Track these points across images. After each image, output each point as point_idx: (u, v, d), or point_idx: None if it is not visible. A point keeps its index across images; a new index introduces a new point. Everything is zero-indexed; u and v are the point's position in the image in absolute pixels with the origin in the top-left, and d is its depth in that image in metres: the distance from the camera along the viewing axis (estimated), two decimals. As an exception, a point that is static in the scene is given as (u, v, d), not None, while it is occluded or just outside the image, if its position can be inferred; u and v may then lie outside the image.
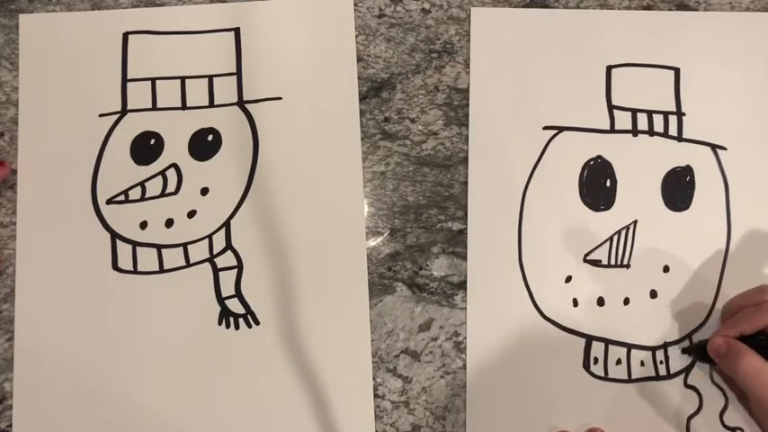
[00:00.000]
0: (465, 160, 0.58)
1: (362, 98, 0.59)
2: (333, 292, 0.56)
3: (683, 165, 0.58)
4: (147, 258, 0.56)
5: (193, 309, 0.56)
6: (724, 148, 0.58)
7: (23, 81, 0.58)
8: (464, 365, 0.56)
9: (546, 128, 0.58)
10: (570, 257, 0.57)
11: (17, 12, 0.59)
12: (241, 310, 0.56)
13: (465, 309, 0.56)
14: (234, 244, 0.56)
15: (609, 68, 0.59)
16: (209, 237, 0.56)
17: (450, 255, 0.57)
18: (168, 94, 0.58)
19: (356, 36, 0.59)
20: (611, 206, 0.58)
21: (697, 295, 0.57)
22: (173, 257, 0.56)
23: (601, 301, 0.57)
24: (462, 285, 0.57)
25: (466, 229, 0.57)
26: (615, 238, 0.57)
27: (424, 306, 0.57)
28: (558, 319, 0.56)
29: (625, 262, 0.57)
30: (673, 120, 0.59)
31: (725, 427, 0.55)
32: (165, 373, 0.55)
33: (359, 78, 0.59)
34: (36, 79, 0.58)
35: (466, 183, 0.58)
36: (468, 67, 0.59)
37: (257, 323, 0.55)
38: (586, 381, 0.56)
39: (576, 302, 0.57)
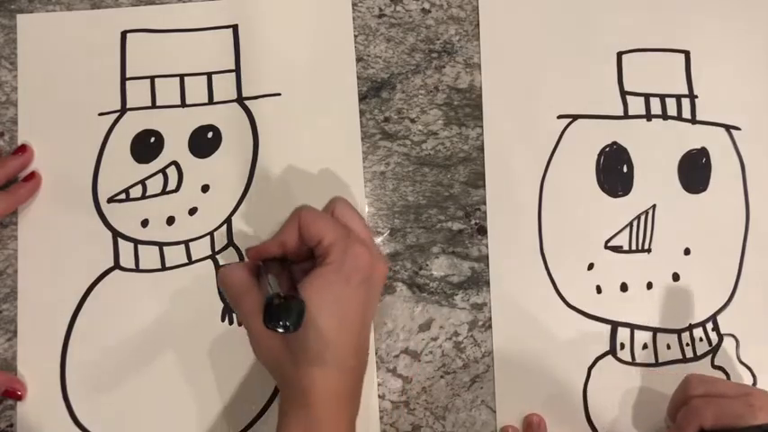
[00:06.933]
0: (465, 160, 0.58)
1: (362, 98, 0.59)
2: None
3: (699, 147, 0.59)
4: (149, 256, 0.56)
5: (196, 305, 0.55)
6: (738, 129, 0.59)
7: (22, 81, 0.58)
8: (464, 365, 0.56)
9: (560, 117, 0.59)
10: (591, 245, 0.57)
11: (17, 12, 0.59)
12: (243, 306, 0.56)
13: (465, 309, 0.56)
14: (235, 240, 0.56)
15: (619, 54, 0.59)
16: (211, 234, 0.56)
17: (450, 255, 0.57)
18: (167, 91, 0.58)
19: (356, 36, 0.59)
20: (628, 192, 0.58)
21: (719, 276, 0.58)
22: (174, 255, 0.56)
23: (624, 287, 0.57)
24: (462, 285, 0.57)
25: (466, 229, 0.57)
26: (635, 223, 0.57)
27: (424, 306, 0.57)
28: (583, 307, 0.57)
29: (646, 247, 0.57)
30: (686, 103, 0.59)
31: None
32: (168, 369, 0.55)
33: (359, 78, 0.59)
34: (35, 79, 0.58)
35: (466, 182, 0.58)
36: (469, 67, 0.59)
37: (260, 319, 0.56)
38: (614, 367, 0.56)
39: (599, 289, 0.57)
